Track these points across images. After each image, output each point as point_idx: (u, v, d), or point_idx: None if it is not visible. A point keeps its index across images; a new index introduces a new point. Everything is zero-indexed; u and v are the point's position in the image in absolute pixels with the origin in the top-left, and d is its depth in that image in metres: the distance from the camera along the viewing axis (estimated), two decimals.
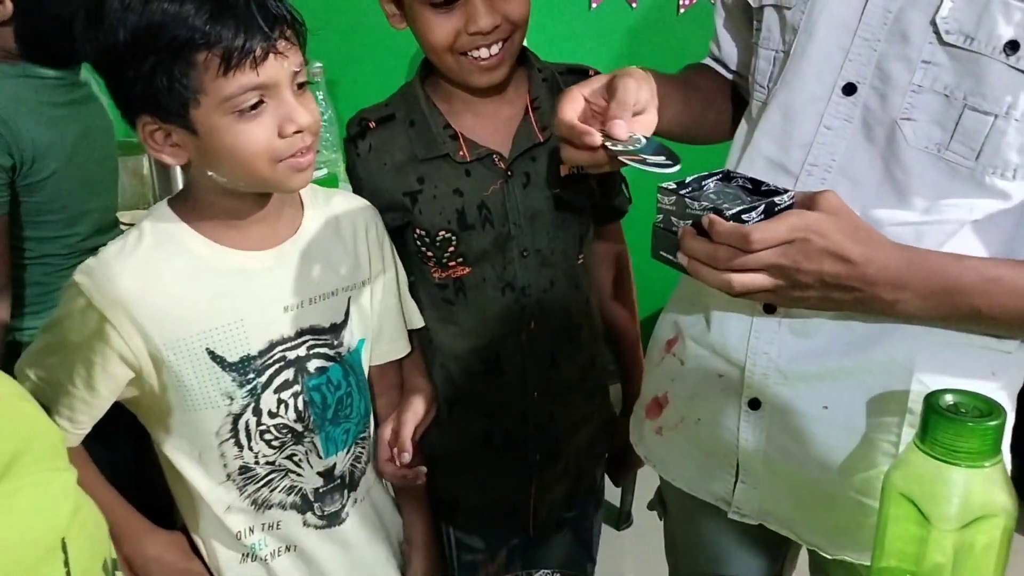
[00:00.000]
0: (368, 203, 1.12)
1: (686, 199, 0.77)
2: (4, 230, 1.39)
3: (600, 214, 1.26)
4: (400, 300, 1.17)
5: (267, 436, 1.02)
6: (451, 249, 1.14)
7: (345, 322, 1.07)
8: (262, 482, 1.04)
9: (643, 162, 0.80)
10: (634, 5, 2.41)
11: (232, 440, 1.01)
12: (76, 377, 0.95)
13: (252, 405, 1.00)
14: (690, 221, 0.77)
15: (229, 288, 0.97)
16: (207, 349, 0.96)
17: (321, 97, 2.11)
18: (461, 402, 1.23)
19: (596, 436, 1.34)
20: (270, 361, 1.00)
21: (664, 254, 0.81)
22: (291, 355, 1.01)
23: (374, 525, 1.16)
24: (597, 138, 0.81)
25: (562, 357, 1.22)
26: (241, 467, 1.03)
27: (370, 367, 1.14)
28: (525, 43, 1.14)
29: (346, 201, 1.11)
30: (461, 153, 1.12)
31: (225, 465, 1.02)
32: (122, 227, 1.66)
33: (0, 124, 1.34)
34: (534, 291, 1.17)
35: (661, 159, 0.80)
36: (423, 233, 1.14)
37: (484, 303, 1.17)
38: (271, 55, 0.86)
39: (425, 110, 1.13)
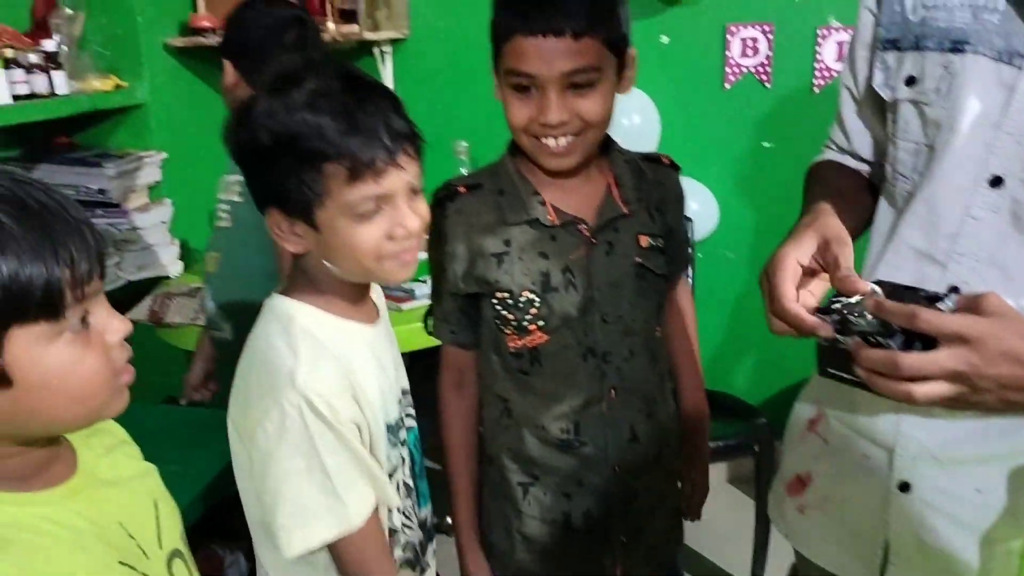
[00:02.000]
0: None
1: (851, 316, 0.79)
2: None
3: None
4: None
5: (403, 493, 1.08)
6: (533, 311, 1.19)
7: (406, 386, 1.14)
8: (399, 545, 1.08)
9: (866, 340, 0.79)
10: (768, 84, 2.46)
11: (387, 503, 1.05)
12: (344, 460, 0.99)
13: (399, 464, 1.07)
14: (857, 336, 0.79)
15: (371, 363, 1.04)
16: (381, 420, 1.04)
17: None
18: (538, 482, 1.25)
19: (673, 521, 1.37)
20: (396, 421, 1.08)
21: (834, 370, 0.83)
22: (403, 415, 1.10)
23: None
24: (830, 331, 0.82)
25: (642, 431, 1.24)
26: (390, 530, 1.06)
27: None
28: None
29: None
30: (550, 217, 1.18)
31: (387, 526, 1.06)
32: None
33: None
34: (615, 359, 1.22)
35: (867, 320, 0.79)
36: (505, 296, 1.19)
37: (565, 369, 1.21)
38: (391, 168, 0.93)
39: (515, 180, 1.19)
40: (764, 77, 2.45)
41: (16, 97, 1.95)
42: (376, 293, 1.13)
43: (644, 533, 1.29)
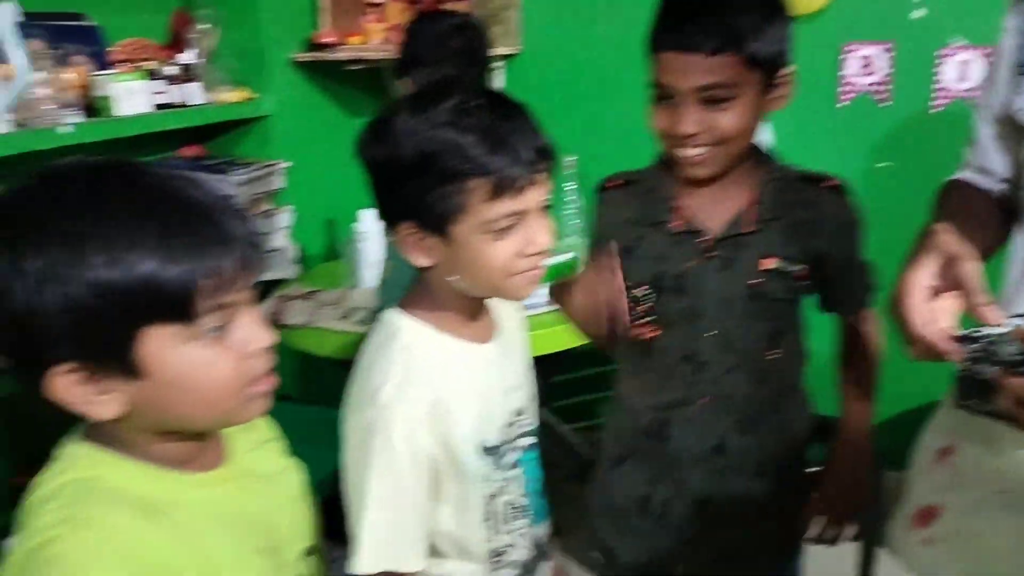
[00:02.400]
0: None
1: (995, 347, 0.78)
2: None
3: (832, 303, 1.31)
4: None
5: (513, 512, 1.08)
6: (646, 306, 1.24)
7: (528, 405, 1.13)
8: (504, 565, 1.09)
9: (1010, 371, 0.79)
10: (884, 104, 2.41)
11: (489, 521, 1.05)
12: (422, 494, 1.00)
13: (503, 485, 1.06)
14: (999, 367, 0.78)
15: (483, 380, 1.04)
16: (476, 440, 1.02)
17: (573, 187, 2.51)
18: (627, 459, 1.32)
19: (759, 542, 1.34)
20: (505, 443, 1.06)
21: (973, 402, 0.83)
22: (513, 434, 1.08)
23: None
24: (962, 354, 0.83)
25: (732, 444, 1.26)
26: (494, 549, 1.07)
27: None
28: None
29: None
30: (673, 224, 1.23)
31: (480, 547, 1.06)
32: None
33: None
34: (713, 370, 1.24)
35: (1013, 349, 0.79)
36: (629, 285, 1.19)
37: (665, 369, 1.26)
38: (530, 186, 0.93)
39: (658, 184, 1.25)
40: (881, 96, 2.41)
41: (157, 106, 2.09)
42: (512, 307, 1.14)
43: (716, 533, 1.30)
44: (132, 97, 2.01)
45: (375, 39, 2.65)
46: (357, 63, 2.64)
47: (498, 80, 2.75)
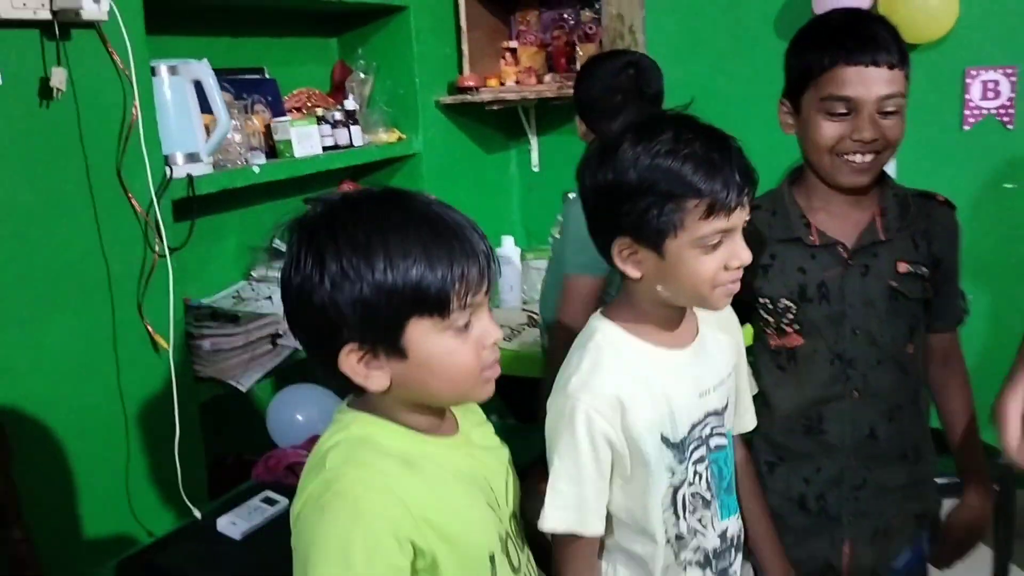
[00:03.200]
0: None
1: None
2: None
3: (934, 316, 1.43)
4: (741, 388, 1.31)
5: (691, 504, 1.18)
6: (790, 316, 1.36)
7: (726, 406, 1.23)
8: (687, 548, 1.19)
9: None
10: (1011, 126, 2.45)
11: (672, 510, 1.16)
12: (598, 473, 1.11)
13: (686, 478, 1.16)
14: None
15: (669, 381, 1.14)
16: (660, 434, 1.13)
17: None
18: (783, 462, 1.42)
19: (914, 520, 1.45)
20: (692, 440, 1.17)
21: None
22: (702, 434, 1.18)
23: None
24: None
25: (882, 431, 1.38)
26: (676, 534, 1.17)
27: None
28: (896, 160, 1.44)
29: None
30: (812, 238, 1.35)
31: (665, 532, 1.17)
32: None
33: None
34: (860, 366, 1.36)
35: None
36: (766, 301, 1.37)
37: (815, 370, 1.37)
38: (738, 208, 1.06)
39: (788, 204, 1.37)
40: (1006, 119, 2.45)
41: (324, 148, 2.35)
42: (725, 317, 1.25)
43: (871, 513, 1.40)
44: (305, 140, 2.27)
45: (510, 81, 2.87)
46: (495, 103, 2.86)
47: None
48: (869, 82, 1.25)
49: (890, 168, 1.46)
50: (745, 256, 1.09)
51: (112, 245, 1.72)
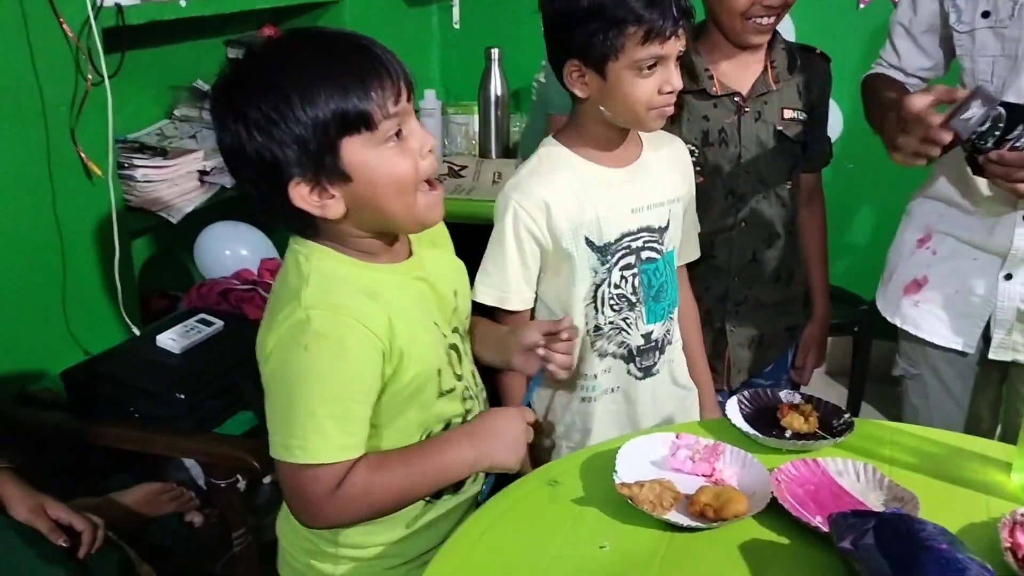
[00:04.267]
0: (681, 140, 1.48)
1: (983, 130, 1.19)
2: None
3: (805, 158, 1.65)
4: (690, 221, 1.49)
5: (611, 302, 1.37)
6: (694, 159, 1.51)
7: (667, 227, 1.40)
8: (604, 337, 1.39)
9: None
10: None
11: (591, 304, 1.38)
12: (520, 260, 1.33)
13: (606, 279, 1.36)
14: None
15: (600, 194, 1.33)
16: (584, 237, 1.33)
17: None
18: None
19: (785, 326, 1.72)
20: (620, 247, 1.36)
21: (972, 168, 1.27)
22: (633, 245, 1.36)
23: (674, 381, 1.49)
24: (948, 136, 1.22)
25: (761, 256, 1.63)
26: (595, 326, 1.38)
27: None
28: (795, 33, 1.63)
29: (670, 139, 1.45)
30: (714, 89, 1.54)
31: (585, 324, 1.37)
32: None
33: None
34: (749, 200, 1.59)
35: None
36: None
37: (711, 206, 1.57)
38: (673, 37, 1.21)
39: (693, 58, 1.53)
40: None
41: None
42: (674, 149, 1.45)
43: (748, 326, 1.65)
44: None
45: None
46: None
47: None
48: None
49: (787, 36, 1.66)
50: (676, 82, 1.25)
51: (45, 72, 1.74)
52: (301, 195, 0.96)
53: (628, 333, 1.40)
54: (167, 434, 1.60)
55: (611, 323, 1.39)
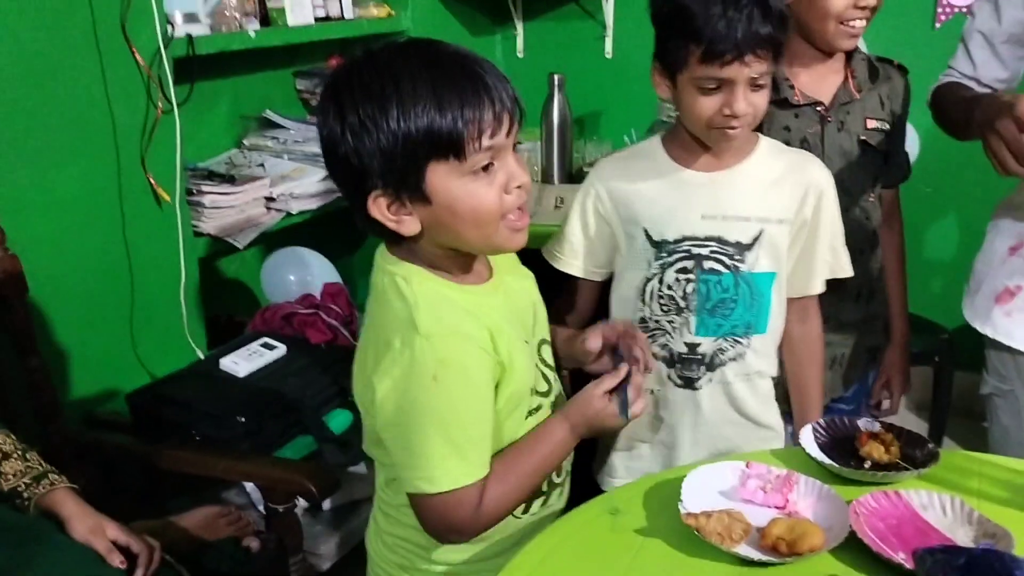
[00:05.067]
0: (820, 164, 1.40)
1: None
2: None
3: (886, 171, 1.61)
4: (806, 250, 1.39)
5: (660, 301, 1.36)
6: None
7: (750, 245, 1.32)
8: (648, 333, 1.35)
9: None
10: None
11: (640, 296, 1.37)
12: (583, 231, 1.39)
13: (659, 275, 1.35)
14: None
15: (671, 192, 1.33)
16: (644, 228, 1.34)
17: None
18: None
19: (866, 347, 1.65)
20: (679, 249, 1.33)
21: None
22: (695, 251, 1.32)
23: (725, 404, 1.39)
24: None
25: None
26: (641, 317, 1.37)
27: (789, 298, 1.40)
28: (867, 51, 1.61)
29: (798, 156, 1.39)
30: (796, 98, 1.51)
31: (633, 313, 1.37)
32: None
33: None
34: None
35: None
36: None
37: None
38: (736, 62, 1.17)
39: (779, 68, 1.44)
40: None
41: (316, 19, 2.39)
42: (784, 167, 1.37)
43: (831, 345, 1.56)
44: (298, 8, 2.31)
45: None
46: None
47: (608, 3, 2.98)
48: None
49: None
50: (740, 108, 1.21)
51: (117, 98, 1.79)
52: (379, 207, 0.96)
53: (671, 337, 1.37)
54: (226, 457, 1.60)
55: (656, 322, 1.37)
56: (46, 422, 1.62)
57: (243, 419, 1.63)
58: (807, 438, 1.18)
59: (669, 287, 1.34)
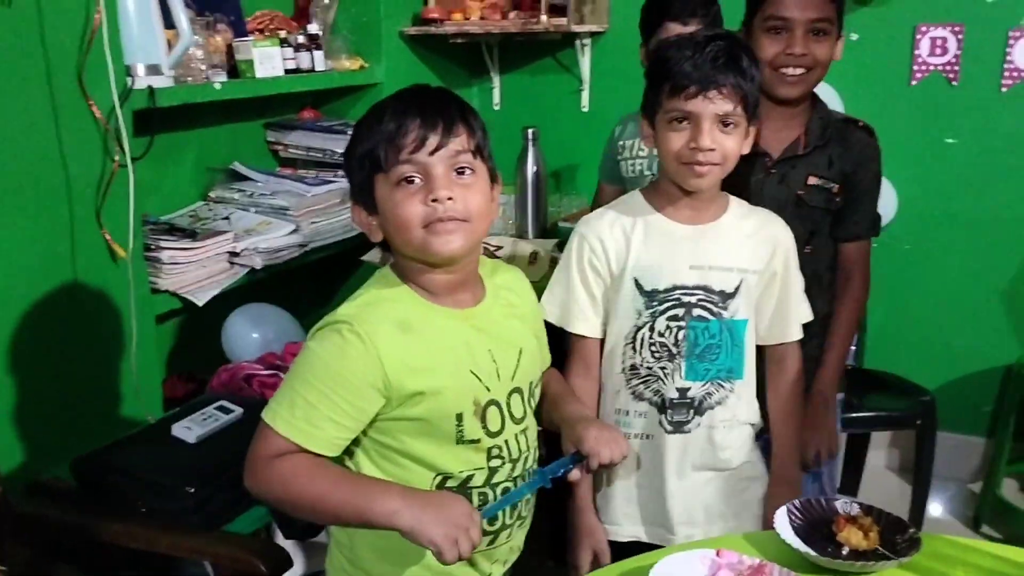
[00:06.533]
0: (783, 223, 1.46)
1: None
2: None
3: (841, 227, 1.66)
4: (781, 300, 1.45)
5: (652, 348, 1.41)
6: None
7: (733, 294, 1.40)
8: (640, 380, 1.43)
9: None
10: (955, 83, 2.54)
11: (631, 344, 1.42)
12: (583, 285, 1.45)
13: (650, 323, 1.40)
14: None
15: (660, 243, 1.39)
16: (634, 278, 1.40)
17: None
18: None
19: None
20: (669, 298, 1.39)
21: None
22: (685, 299, 1.38)
23: (710, 444, 1.43)
24: None
25: None
26: (632, 364, 1.43)
27: (768, 346, 1.48)
28: (843, 107, 1.61)
29: (767, 216, 1.46)
30: None
31: (623, 361, 1.43)
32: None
33: None
34: None
35: None
36: None
37: None
38: (701, 97, 1.28)
39: None
40: (951, 76, 2.54)
41: (287, 71, 2.35)
42: (761, 222, 1.46)
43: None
44: (267, 61, 2.27)
45: (475, 16, 2.88)
46: (459, 37, 2.88)
47: (585, 56, 2.96)
48: (803, 5, 1.51)
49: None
50: (703, 142, 1.29)
51: (72, 152, 1.72)
52: (357, 214, 1.15)
53: (664, 383, 1.41)
54: (172, 532, 1.51)
55: (649, 368, 1.41)
56: None
57: (192, 489, 1.54)
58: (782, 521, 1.12)
59: (661, 334, 1.39)
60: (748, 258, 1.41)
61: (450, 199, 1.07)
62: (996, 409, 2.72)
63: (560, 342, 1.48)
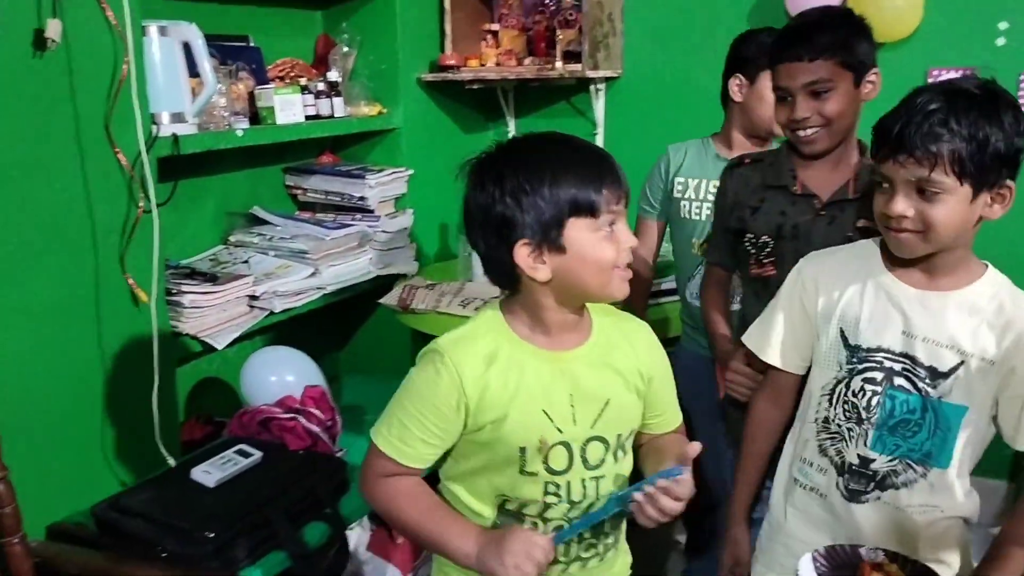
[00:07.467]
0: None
1: None
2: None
3: None
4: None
5: (845, 406, 1.36)
6: (768, 250, 1.65)
7: (946, 374, 1.29)
8: (828, 436, 1.39)
9: None
10: None
11: (827, 396, 1.39)
12: (787, 320, 1.47)
13: (847, 379, 1.36)
14: None
15: (877, 298, 1.34)
16: (840, 328, 1.37)
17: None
18: None
19: None
20: (871, 358, 1.34)
21: None
22: (887, 363, 1.32)
23: (888, 527, 1.35)
24: None
25: None
26: (825, 417, 1.39)
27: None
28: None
29: (1011, 318, 1.28)
30: (795, 188, 1.62)
31: (817, 411, 1.40)
32: None
33: None
34: None
35: None
36: (752, 236, 1.66)
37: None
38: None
39: (783, 158, 1.67)
40: None
41: (307, 117, 2.39)
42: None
43: None
44: (288, 108, 2.31)
45: (490, 62, 2.93)
46: (475, 82, 2.92)
47: (599, 100, 3.00)
48: (795, 72, 1.56)
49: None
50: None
51: (98, 198, 1.75)
52: (522, 254, 1.16)
53: (847, 445, 1.37)
54: None
55: (839, 426, 1.38)
56: (5, 535, 1.53)
57: (211, 534, 1.54)
58: (807, 568, 1.11)
59: (855, 394, 1.35)
60: (969, 339, 1.27)
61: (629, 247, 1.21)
62: (1018, 452, 2.68)
63: None
